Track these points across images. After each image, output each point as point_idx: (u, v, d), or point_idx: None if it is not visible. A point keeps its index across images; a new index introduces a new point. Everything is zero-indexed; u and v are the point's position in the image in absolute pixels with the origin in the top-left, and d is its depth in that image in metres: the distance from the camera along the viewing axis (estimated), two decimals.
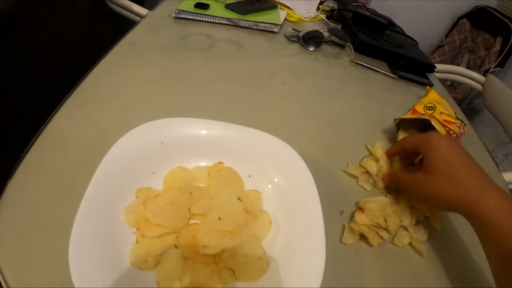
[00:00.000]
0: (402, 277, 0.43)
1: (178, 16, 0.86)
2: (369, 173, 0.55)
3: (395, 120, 0.63)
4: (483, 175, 0.42)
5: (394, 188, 0.53)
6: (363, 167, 0.56)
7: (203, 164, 0.44)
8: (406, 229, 0.48)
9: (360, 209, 0.48)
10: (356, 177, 0.54)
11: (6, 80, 0.94)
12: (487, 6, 2.22)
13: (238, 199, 0.40)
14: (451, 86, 2.26)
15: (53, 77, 1.14)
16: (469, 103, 2.26)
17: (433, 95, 0.75)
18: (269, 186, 0.43)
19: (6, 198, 0.39)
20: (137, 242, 0.36)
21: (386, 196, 0.52)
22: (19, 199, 0.39)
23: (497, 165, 0.73)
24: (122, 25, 1.53)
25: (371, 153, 0.59)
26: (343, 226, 0.46)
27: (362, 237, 0.45)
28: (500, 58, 2.07)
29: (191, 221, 0.38)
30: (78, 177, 0.41)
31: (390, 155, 0.57)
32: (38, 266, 0.34)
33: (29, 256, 0.34)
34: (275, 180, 0.43)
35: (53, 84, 1.13)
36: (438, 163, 0.44)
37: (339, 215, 0.47)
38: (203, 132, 0.45)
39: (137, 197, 0.39)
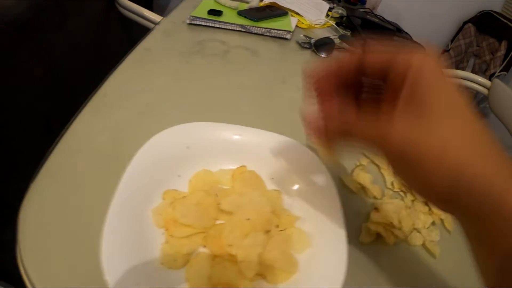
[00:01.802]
0: (416, 277, 0.45)
1: (192, 22, 0.88)
2: (364, 187, 0.53)
3: None
4: (502, 151, 0.26)
5: (337, 146, 0.33)
6: (356, 181, 0.53)
7: (226, 167, 0.46)
8: (419, 231, 0.49)
9: (376, 209, 0.49)
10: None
11: (20, 83, 0.96)
12: (492, 10, 2.23)
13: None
14: None
15: (65, 80, 1.16)
16: (474, 107, 2.26)
17: None
18: (293, 187, 0.45)
19: (29, 200, 0.39)
20: (166, 242, 0.37)
21: (402, 199, 0.53)
22: (41, 201, 0.39)
23: None
24: (132, 30, 1.56)
25: (360, 164, 0.57)
26: (360, 226, 0.47)
27: (379, 237, 0.47)
28: (505, 62, 2.08)
29: (218, 221, 0.40)
30: (100, 179, 0.43)
31: (323, 82, 0.32)
32: (64, 267, 0.35)
33: (54, 257, 0.35)
34: (296, 182, 0.45)
35: (65, 88, 1.15)
36: (440, 101, 0.26)
37: (356, 216, 0.49)
38: (227, 136, 0.47)
39: (164, 199, 0.41)
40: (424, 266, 0.46)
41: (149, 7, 1.79)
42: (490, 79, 1.41)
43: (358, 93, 0.33)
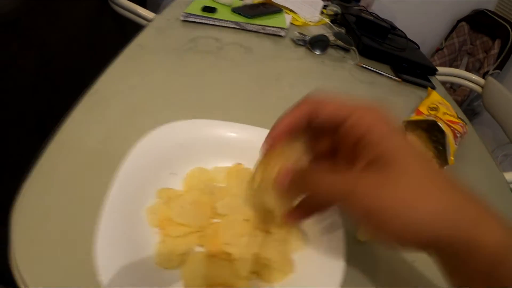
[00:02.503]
0: (414, 275, 0.45)
1: (186, 19, 0.87)
2: None
3: (402, 122, 0.65)
4: (468, 189, 0.26)
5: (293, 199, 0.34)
6: None
7: (221, 165, 0.45)
8: None
9: None
10: None
11: (11, 81, 0.95)
12: (486, 9, 2.24)
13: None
14: (451, 89, 2.28)
15: (57, 78, 1.15)
16: (468, 105, 2.28)
17: (435, 96, 0.77)
18: None
19: (22, 200, 0.39)
20: (161, 241, 0.37)
21: None
22: (34, 201, 0.39)
23: (497, 165, 0.74)
24: (126, 27, 1.54)
25: None
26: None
27: None
28: (499, 61, 2.09)
29: (214, 220, 0.40)
30: (93, 178, 0.42)
31: (284, 133, 0.33)
32: (58, 267, 0.34)
33: (48, 258, 0.35)
34: None
35: (56, 86, 1.14)
36: (410, 159, 0.26)
37: None
38: (221, 133, 0.46)
39: (158, 198, 0.40)
40: (422, 264, 0.46)
41: (143, 4, 1.78)
42: (483, 77, 1.42)
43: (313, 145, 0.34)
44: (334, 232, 0.38)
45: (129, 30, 1.55)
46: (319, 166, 0.31)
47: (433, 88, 0.91)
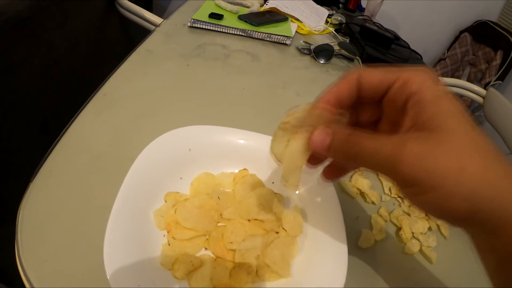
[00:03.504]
0: (414, 282, 0.45)
1: (193, 25, 0.88)
2: (363, 193, 0.53)
3: None
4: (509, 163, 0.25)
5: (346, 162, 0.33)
6: (355, 187, 0.53)
7: (227, 170, 0.46)
8: (416, 237, 0.50)
9: (378, 214, 0.51)
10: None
11: (18, 82, 0.96)
12: (488, 20, 2.26)
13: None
14: None
15: (64, 80, 1.16)
16: (469, 115, 2.28)
17: None
18: (294, 192, 0.46)
19: (28, 200, 0.39)
20: (168, 244, 0.38)
21: (400, 205, 0.54)
22: (41, 201, 0.39)
23: None
24: (132, 31, 1.56)
25: (359, 169, 0.56)
26: (359, 231, 0.48)
27: (377, 242, 0.48)
28: (500, 72, 2.11)
29: (220, 224, 0.41)
30: (101, 180, 0.43)
31: (329, 103, 0.31)
32: (63, 267, 0.35)
33: (53, 257, 0.35)
34: None
35: (63, 87, 1.15)
36: (460, 124, 0.25)
37: (355, 220, 0.50)
38: (228, 139, 0.47)
39: (166, 201, 0.41)
40: (421, 271, 0.47)
41: (149, 8, 1.79)
42: (485, 88, 1.43)
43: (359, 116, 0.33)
44: (338, 239, 0.39)
45: (134, 33, 1.57)
46: (362, 131, 0.28)
47: None
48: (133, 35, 1.61)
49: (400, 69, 0.28)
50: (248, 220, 0.41)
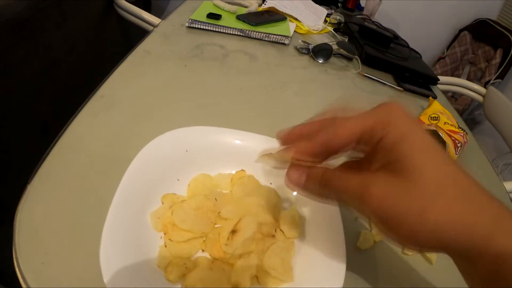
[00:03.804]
0: (413, 283, 0.45)
1: (191, 25, 0.88)
2: None
3: None
4: (489, 194, 0.26)
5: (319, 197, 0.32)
6: None
7: (225, 171, 0.46)
8: None
9: None
10: None
11: (17, 83, 0.96)
12: (487, 18, 2.26)
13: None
14: (452, 98, 2.29)
15: (62, 81, 1.16)
16: (469, 114, 2.29)
17: (436, 106, 0.78)
18: (292, 193, 0.45)
19: (26, 202, 0.39)
20: (165, 246, 0.38)
21: None
22: (38, 202, 0.39)
23: (497, 174, 0.75)
24: (130, 31, 1.56)
25: None
26: (357, 231, 0.48)
27: (376, 243, 0.47)
28: (500, 70, 2.11)
29: (217, 225, 0.40)
30: (96, 182, 0.43)
31: (300, 154, 0.31)
32: (61, 268, 0.34)
33: (51, 259, 0.35)
34: None
35: (62, 88, 1.15)
36: (425, 163, 0.25)
37: (354, 221, 0.49)
38: (226, 140, 0.47)
39: (163, 203, 0.41)
40: (421, 272, 0.46)
41: (147, 9, 1.79)
42: (485, 86, 1.43)
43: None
44: (336, 241, 0.39)
45: (133, 34, 1.57)
46: (334, 170, 0.31)
47: (435, 97, 0.92)
48: (132, 36, 1.61)
49: (367, 114, 0.29)
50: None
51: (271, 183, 0.46)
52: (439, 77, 1.06)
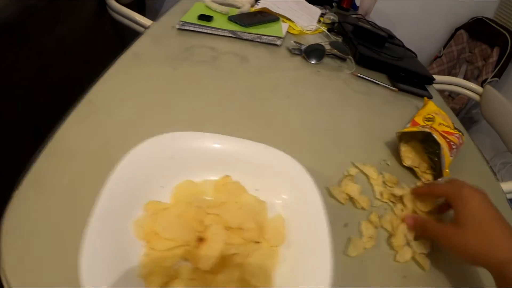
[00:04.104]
0: None
1: (182, 27, 0.87)
2: (352, 198, 0.52)
3: (397, 133, 0.64)
4: (505, 234, 0.42)
5: (418, 234, 0.50)
6: (344, 193, 0.53)
7: (210, 177, 0.45)
8: (408, 244, 0.48)
9: (368, 221, 0.49)
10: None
11: (8, 87, 0.95)
12: (484, 17, 2.25)
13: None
14: (449, 97, 2.28)
15: (55, 85, 1.15)
16: (466, 113, 2.28)
17: (431, 106, 0.77)
18: (277, 200, 0.44)
19: (12, 209, 0.39)
20: (147, 255, 0.37)
21: (392, 209, 0.53)
22: (25, 209, 0.39)
23: (495, 174, 0.74)
24: (124, 34, 1.55)
25: (349, 174, 0.57)
26: (348, 238, 0.47)
27: (366, 249, 0.46)
28: (497, 69, 2.10)
29: (200, 234, 0.39)
30: (84, 188, 0.42)
31: (417, 194, 0.54)
32: (45, 277, 0.34)
33: (36, 268, 0.35)
34: (282, 194, 0.44)
35: (54, 92, 1.14)
36: (468, 218, 0.44)
37: (343, 227, 0.48)
38: (211, 146, 0.46)
39: (145, 211, 0.40)
40: (413, 279, 0.46)
41: (142, 11, 1.78)
42: (482, 85, 1.42)
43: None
44: (322, 247, 0.38)
45: (127, 37, 1.56)
46: (431, 220, 0.52)
47: (430, 97, 0.91)
48: (125, 39, 1.60)
49: (457, 188, 0.47)
50: (227, 229, 0.39)
51: (257, 189, 0.45)
52: (436, 76, 1.05)
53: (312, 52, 0.90)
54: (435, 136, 0.59)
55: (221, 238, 0.38)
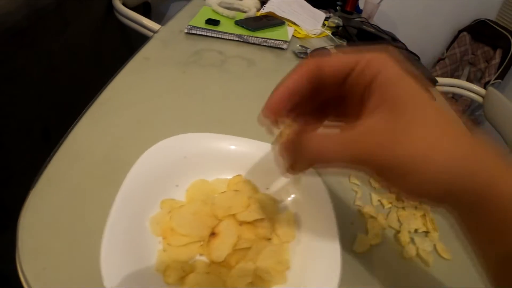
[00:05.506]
0: (410, 286, 0.45)
1: (190, 32, 0.89)
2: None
3: None
4: (481, 138, 0.25)
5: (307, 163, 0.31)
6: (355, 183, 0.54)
7: (222, 176, 0.47)
8: (413, 240, 0.50)
9: (373, 217, 0.51)
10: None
11: (18, 90, 0.97)
12: (487, 19, 2.26)
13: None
14: (453, 99, 2.29)
15: (63, 87, 1.17)
16: (469, 115, 2.29)
17: None
18: (288, 198, 0.46)
19: (29, 207, 0.40)
20: (164, 250, 0.38)
21: (397, 211, 0.54)
22: (41, 208, 0.40)
23: None
24: (131, 37, 1.57)
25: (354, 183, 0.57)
26: (354, 235, 0.48)
27: (373, 246, 0.48)
28: (500, 71, 2.11)
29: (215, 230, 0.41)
30: (97, 187, 0.43)
31: (283, 100, 0.32)
32: (63, 273, 0.35)
33: (53, 264, 0.36)
34: (291, 192, 0.46)
35: (63, 94, 1.16)
36: (413, 102, 0.24)
37: (350, 225, 0.50)
38: (223, 146, 0.48)
39: (161, 208, 0.42)
40: (417, 275, 0.47)
41: (148, 15, 1.80)
42: (485, 87, 1.43)
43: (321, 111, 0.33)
44: (331, 245, 0.39)
45: (134, 40, 1.58)
46: (311, 127, 0.31)
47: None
48: (132, 42, 1.62)
49: (361, 50, 0.27)
50: (240, 224, 0.41)
51: (267, 188, 0.46)
52: (439, 78, 1.06)
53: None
54: None
55: (233, 232, 0.40)
